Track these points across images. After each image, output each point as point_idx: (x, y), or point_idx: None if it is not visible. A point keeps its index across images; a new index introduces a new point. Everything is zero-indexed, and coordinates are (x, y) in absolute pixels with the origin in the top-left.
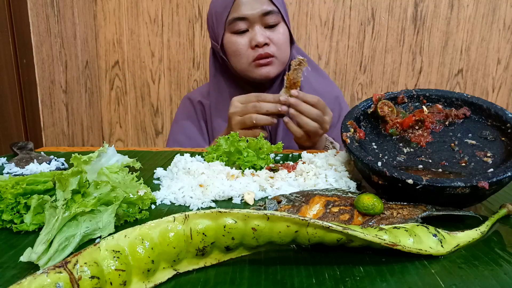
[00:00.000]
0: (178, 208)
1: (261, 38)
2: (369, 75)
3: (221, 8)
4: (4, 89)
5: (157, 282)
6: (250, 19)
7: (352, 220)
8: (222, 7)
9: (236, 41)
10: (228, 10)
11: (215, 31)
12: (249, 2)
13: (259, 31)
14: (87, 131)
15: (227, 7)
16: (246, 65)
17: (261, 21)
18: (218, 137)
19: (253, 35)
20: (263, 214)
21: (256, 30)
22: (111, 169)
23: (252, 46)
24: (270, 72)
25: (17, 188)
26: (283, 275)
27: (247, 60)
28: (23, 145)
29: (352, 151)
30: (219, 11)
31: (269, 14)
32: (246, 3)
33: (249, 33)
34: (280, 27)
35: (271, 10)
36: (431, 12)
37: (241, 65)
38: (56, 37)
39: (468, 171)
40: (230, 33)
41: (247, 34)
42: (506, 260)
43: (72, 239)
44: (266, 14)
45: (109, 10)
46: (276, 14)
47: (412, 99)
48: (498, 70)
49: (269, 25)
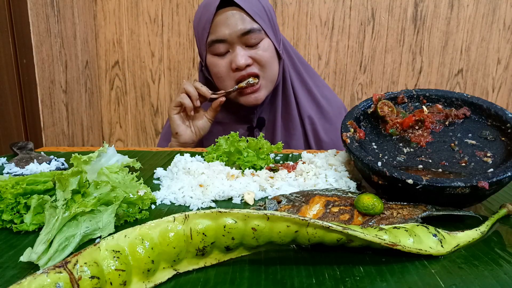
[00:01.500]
0: (178, 208)
1: (242, 60)
2: (369, 75)
3: (200, 29)
4: (4, 89)
5: (157, 282)
6: (228, 40)
7: (352, 220)
8: (201, 28)
9: (217, 63)
10: (207, 32)
11: (199, 50)
12: (226, 22)
13: (240, 52)
14: (87, 131)
15: (206, 29)
16: (229, 87)
17: (241, 41)
18: (219, 137)
19: (233, 57)
20: (263, 214)
21: (236, 51)
22: (111, 169)
23: (233, 68)
24: (258, 99)
25: (17, 188)
26: (283, 275)
27: (230, 83)
28: (23, 145)
29: (352, 151)
30: (200, 32)
31: (250, 33)
32: (223, 23)
33: (229, 54)
34: (263, 43)
35: (250, 28)
36: (431, 12)
37: (224, 87)
38: (56, 37)
39: (468, 171)
40: (211, 55)
41: (228, 55)
42: (506, 260)
43: (72, 239)
44: (246, 34)
45: (109, 10)
46: (257, 31)
47: (412, 99)
48: (498, 70)
49: (251, 45)
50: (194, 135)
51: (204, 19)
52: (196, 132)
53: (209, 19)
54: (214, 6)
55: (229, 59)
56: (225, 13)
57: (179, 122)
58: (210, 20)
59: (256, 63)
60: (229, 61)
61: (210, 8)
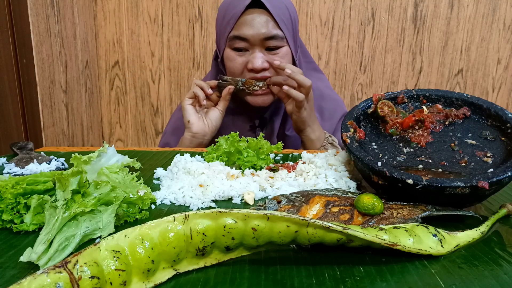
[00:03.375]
0: (178, 208)
1: (259, 63)
2: (369, 75)
3: (224, 22)
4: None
5: (157, 282)
6: (250, 40)
7: (352, 220)
8: (226, 21)
9: (234, 59)
10: (231, 26)
11: (218, 42)
12: (252, 23)
13: (258, 55)
14: (87, 131)
15: (230, 24)
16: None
17: (262, 44)
18: (219, 137)
19: (251, 57)
20: (263, 214)
21: (255, 53)
22: (111, 169)
23: (248, 68)
24: (265, 101)
25: (17, 188)
26: (283, 275)
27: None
28: (23, 145)
29: (352, 151)
30: (223, 25)
31: (272, 39)
32: (250, 23)
33: (248, 53)
34: (282, 50)
35: (274, 35)
36: (431, 12)
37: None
38: (56, 37)
39: (468, 171)
40: (229, 48)
41: (246, 54)
42: (506, 260)
43: (72, 239)
44: (269, 39)
45: (109, 10)
46: (280, 38)
47: (412, 99)
48: (498, 70)
49: (271, 49)
50: (206, 126)
51: (230, 14)
52: (208, 123)
53: (235, 15)
54: (243, 4)
55: (246, 57)
56: (252, 13)
57: (191, 111)
58: (236, 16)
59: (271, 68)
60: (246, 60)
61: (239, 4)
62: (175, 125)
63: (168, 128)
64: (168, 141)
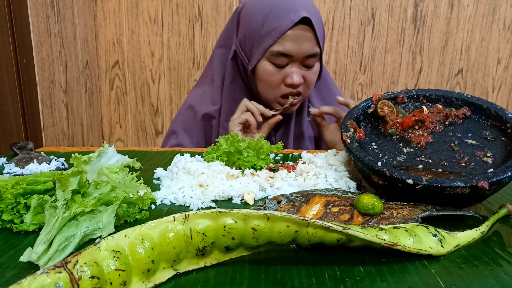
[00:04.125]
0: (178, 208)
1: (298, 79)
2: (369, 75)
3: (263, 32)
4: (4, 89)
5: (157, 282)
6: (294, 57)
7: (352, 220)
8: (265, 32)
9: (272, 73)
10: (273, 39)
11: (250, 49)
12: (298, 40)
13: (297, 71)
14: (87, 131)
15: (273, 36)
16: (273, 98)
17: (302, 61)
18: (219, 137)
19: (290, 73)
20: (263, 214)
21: (294, 69)
22: (111, 169)
23: (286, 83)
24: (292, 110)
25: (17, 188)
26: (283, 275)
27: (276, 93)
28: (23, 145)
29: (352, 151)
30: (261, 34)
31: (312, 57)
32: (295, 40)
33: (286, 68)
34: (315, 66)
35: (315, 53)
36: (431, 12)
37: (268, 95)
38: (56, 37)
39: (468, 171)
40: (267, 62)
41: (284, 69)
42: (506, 260)
43: (72, 239)
44: (310, 57)
45: (109, 10)
46: (317, 56)
47: (412, 99)
48: (498, 70)
49: (307, 66)
50: None
51: (273, 25)
52: None
53: (280, 29)
54: (291, 19)
55: (284, 72)
56: (299, 30)
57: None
58: (282, 31)
59: (304, 83)
60: (284, 75)
61: (285, 18)
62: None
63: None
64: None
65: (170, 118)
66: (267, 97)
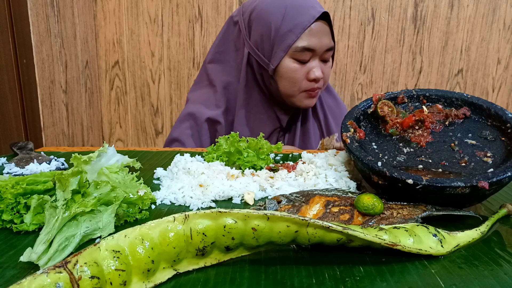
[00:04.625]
0: (178, 208)
1: (320, 73)
2: (369, 75)
3: (286, 30)
4: (4, 89)
5: (157, 282)
6: (317, 51)
7: (352, 220)
8: (286, 29)
9: (297, 69)
10: (296, 36)
11: (270, 49)
12: (319, 34)
13: (319, 65)
14: (87, 131)
15: (296, 33)
16: (297, 93)
17: (322, 55)
18: (219, 137)
19: (312, 67)
20: (263, 214)
21: (316, 63)
22: (111, 169)
23: (309, 78)
24: (313, 102)
25: (17, 188)
26: (283, 275)
27: (299, 89)
28: (23, 145)
29: (352, 151)
30: (282, 33)
31: (330, 50)
32: (317, 34)
33: (308, 63)
34: (330, 61)
35: (333, 46)
36: (431, 12)
37: (291, 92)
38: (56, 37)
39: (468, 171)
40: (291, 59)
41: (306, 64)
42: (506, 260)
43: (72, 239)
44: (329, 50)
45: (109, 10)
46: (333, 50)
47: (412, 99)
48: (498, 70)
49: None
50: None
51: (295, 22)
52: None
53: (303, 25)
54: (311, 15)
55: (307, 68)
56: (319, 24)
57: None
58: (305, 26)
59: (323, 77)
60: (307, 70)
61: (305, 14)
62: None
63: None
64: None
65: (170, 118)
66: (289, 93)
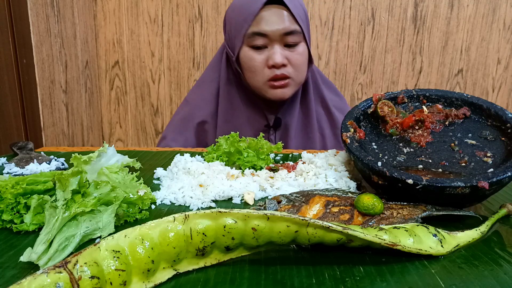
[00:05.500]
0: (178, 208)
1: (279, 58)
2: (369, 75)
3: (240, 19)
4: (4, 89)
5: (157, 282)
6: (270, 36)
7: (352, 220)
8: (241, 18)
9: (253, 57)
10: (248, 23)
11: (232, 41)
12: (271, 19)
13: (278, 51)
14: (87, 131)
15: (247, 20)
16: (261, 83)
17: (281, 40)
18: (219, 137)
19: (271, 53)
20: (263, 214)
21: (274, 49)
22: (111, 169)
23: (269, 65)
24: (285, 94)
25: (17, 188)
26: (283, 275)
27: (262, 79)
28: (23, 145)
29: (352, 151)
30: (239, 22)
31: (291, 34)
32: (269, 19)
33: (267, 50)
34: (300, 46)
35: (293, 29)
36: (431, 12)
37: (256, 83)
38: (56, 37)
39: (468, 171)
40: (247, 47)
41: (265, 51)
42: (506, 260)
43: (72, 239)
44: (288, 34)
45: (109, 10)
46: (298, 34)
47: (412, 99)
48: (498, 70)
49: (289, 45)
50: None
51: (247, 11)
52: None
53: (253, 11)
54: (261, 1)
55: (266, 55)
56: (271, 9)
57: None
58: (255, 12)
59: (290, 64)
60: (266, 57)
61: (256, 2)
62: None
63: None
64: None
65: (170, 118)
66: (255, 84)
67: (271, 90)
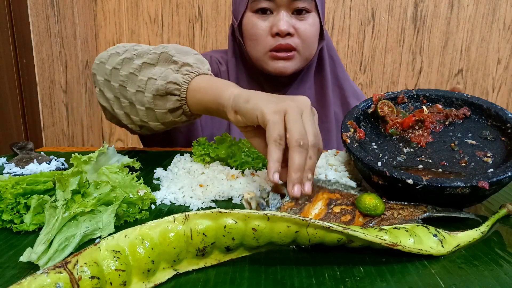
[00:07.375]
0: (178, 208)
1: (285, 26)
2: (369, 75)
3: None
4: (4, 89)
5: (157, 282)
6: (277, 0)
7: (353, 221)
8: None
9: (256, 23)
10: None
11: (237, 6)
12: None
13: (284, 18)
14: (87, 131)
15: None
16: (262, 54)
17: (289, 6)
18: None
19: (276, 20)
20: (263, 214)
21: (280, 15)
22: (111, 169)
23: (272, 33)
24: (287, 68)
25: (17, 188)
26: (283, 275)
27: (263, 48)
28: (23, 145)
29: (352, 151)
30: None
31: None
32: None
33: (272, 17)
34: (310, 16)
35: None
36: (431, 12)
37: (256, 52)
38: (56, 37)
39: (468, 171)
40: (251, 12)
41: (270, 18)
42: (506, 260)
43: (72, 239)
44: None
45: (109, 10)
46: (309, 1)
47: (412, 99)
48: (498, 70)
49: (298, 12)
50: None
51: None
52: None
53: None
54: None
55: (270, 22)
56: None
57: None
58: None
59: (297, 35)
60: (270, 25)
61: None
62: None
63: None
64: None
65: None
66: (255, 54)
67: (271, 61)
